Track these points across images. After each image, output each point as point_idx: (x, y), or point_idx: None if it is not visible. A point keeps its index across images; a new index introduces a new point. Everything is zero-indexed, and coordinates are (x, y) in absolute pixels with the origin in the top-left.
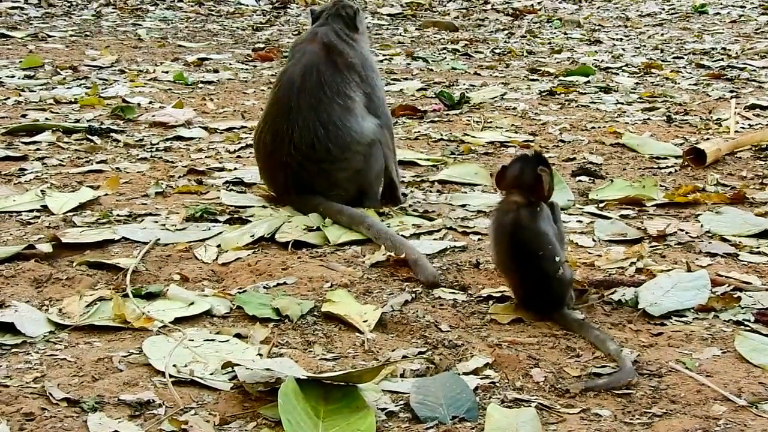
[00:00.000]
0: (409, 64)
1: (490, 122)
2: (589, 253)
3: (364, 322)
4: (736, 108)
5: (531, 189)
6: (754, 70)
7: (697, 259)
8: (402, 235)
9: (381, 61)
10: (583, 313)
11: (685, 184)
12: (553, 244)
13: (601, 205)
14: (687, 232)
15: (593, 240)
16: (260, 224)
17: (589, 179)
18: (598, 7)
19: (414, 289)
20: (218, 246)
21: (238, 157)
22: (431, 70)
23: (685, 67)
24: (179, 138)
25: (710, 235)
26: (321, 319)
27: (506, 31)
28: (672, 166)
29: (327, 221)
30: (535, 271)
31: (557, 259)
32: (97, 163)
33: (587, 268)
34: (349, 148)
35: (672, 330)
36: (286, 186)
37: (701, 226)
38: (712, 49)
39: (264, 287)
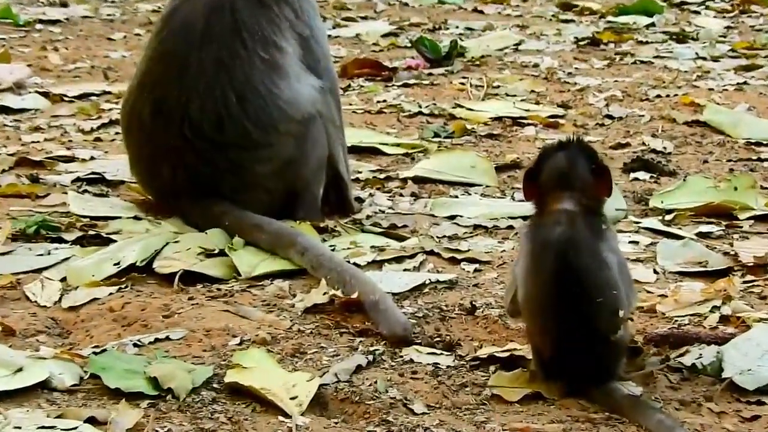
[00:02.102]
0: None
1: (497, 87)
2: (649, 291)
3: (292, 399)
4: None
5: (589, 190)
6: None
7: None
8: (355, 264)
9: None
10: (639, 386)
11: None
12: (618, 285)
13: (668, 217)
14: None
15: (655, 271)
16: (130, 246)
17: (651, 177)
18: None
19: (372, 348)
20: (63, 280)
21: (97, 140)
22: (405, 4)
23: None
24: (3, 110)
25: None
26: (224, 394)
27: None
28: None
29: (237, 241)
30: (586, 320)
31: (621, 311)
32: None
33: (646, 315)
34: (276, 128)
35: None
36: (173, 186)
37: None
38: None
39: (134, 345)
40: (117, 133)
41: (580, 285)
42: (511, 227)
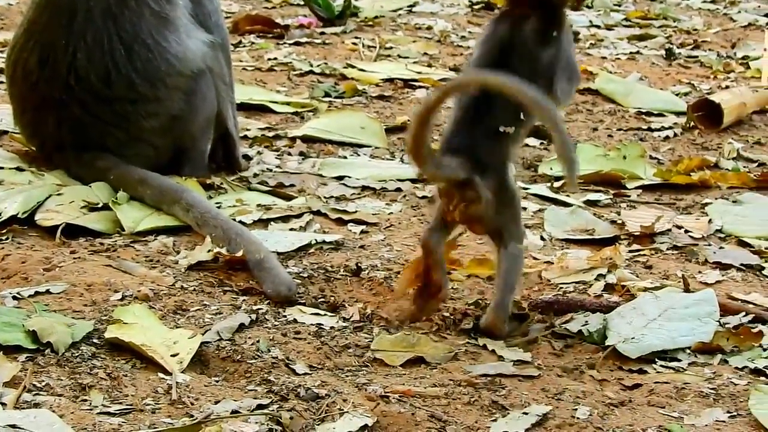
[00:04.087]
0: None
1: (390, 48)
2: (535, 258)
3: (173, 356)
4: None
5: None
6: None
7: (700, 272)
8: (241, 222)
9: None
10: (524, 351)
11: (689, 156)
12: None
13: (556, 184)
14: (687, 231)
15: (542, 238)
16: (11, 197)
17: (541, 144)
18: None
19: (255, 307)
20: None
21: None
22: None
23: None
24: None
25: (722, 235)
26: (104, 349)
27: None
28: (670, 128)
29: (121, 196)
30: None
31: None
32: None
33: (532, 282)
34: (164, 82)
35: (656, 380)
36: (57, 138)
37: (709, 221)
38: None
39: (14, 297)
40: (1, 83)
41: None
42: (399, 189)
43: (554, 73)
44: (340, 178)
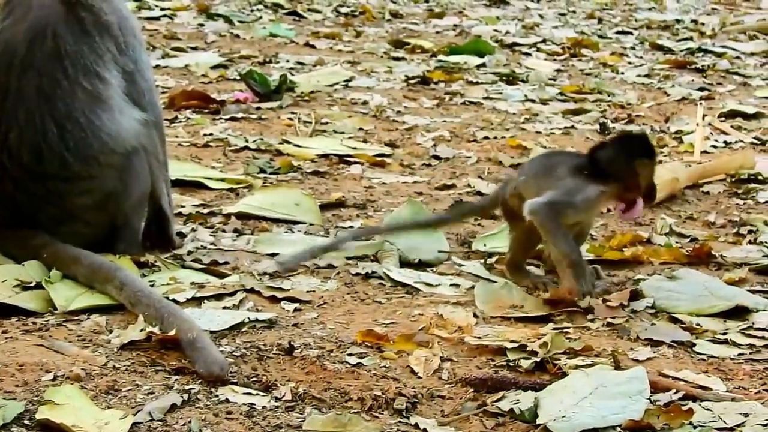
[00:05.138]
0: (201, 25)
1: (326, 123)
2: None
3: None
4: (706, 115)
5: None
6: (738, 57)
7: (632, 349)
8: (174, 301)
9: (158, 18)
10: (456, 428)
11: (622, 231)
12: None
13: (490, 260)
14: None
15: (475, 315)
16: None
17: (475, 220)
18: None
19: (188, 387)
20: None
21: None
22: (237, 36)
23: (633, 48)
24: None
25: (654, 311)
26: (35, 431)
27: None
28: None
29: (54, 274)
30: None
31: None
32: None
33: (464, 359)
34: (97, 160)
35: None
36: None
37: (641, 296)
38: (677, 21)
39: None
40: None
41: None
42: (332, 266)
43: None
44: (274, 254)
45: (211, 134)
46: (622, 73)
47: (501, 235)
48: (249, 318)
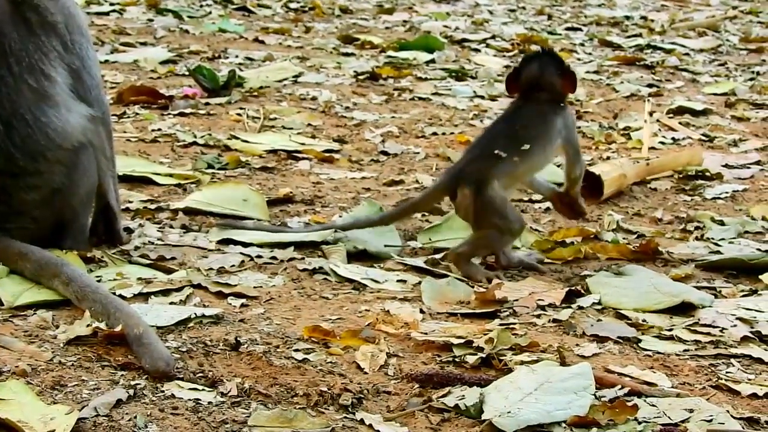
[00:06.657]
0: (150, 20)
1: (275, 119)
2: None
3: None
4: (654, 112)
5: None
6: (687, 54)
7: (577, 345)
8: (121, 296)
9: (107, 13)
10: (401, 424)
11: (568, 227)
12: None
13: (436, 256)
14: (564, 303)
15: (421, 311)
16: None
17: (422, 215)
18: None
19: (134, 383)
20: None
21: None
22: (186, 31)
23: (582, 45)
24: None
25: (600, 307)
26: None
27: None
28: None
29: (1, 269)
30: None
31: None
32: None
33: (410, 355)
34: (44, 156)
35: None
36: None
37: (587, 292)
38: (626, 18)
39: None
40: None
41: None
42: (276, 258)
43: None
44: (226, 242)
45: (159, 130)
46: None
47: (443, 227)
48: (196, 314)
